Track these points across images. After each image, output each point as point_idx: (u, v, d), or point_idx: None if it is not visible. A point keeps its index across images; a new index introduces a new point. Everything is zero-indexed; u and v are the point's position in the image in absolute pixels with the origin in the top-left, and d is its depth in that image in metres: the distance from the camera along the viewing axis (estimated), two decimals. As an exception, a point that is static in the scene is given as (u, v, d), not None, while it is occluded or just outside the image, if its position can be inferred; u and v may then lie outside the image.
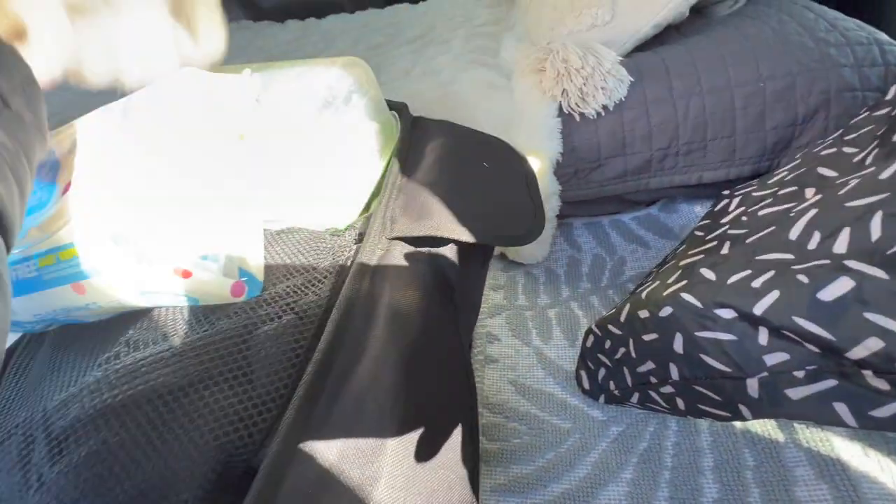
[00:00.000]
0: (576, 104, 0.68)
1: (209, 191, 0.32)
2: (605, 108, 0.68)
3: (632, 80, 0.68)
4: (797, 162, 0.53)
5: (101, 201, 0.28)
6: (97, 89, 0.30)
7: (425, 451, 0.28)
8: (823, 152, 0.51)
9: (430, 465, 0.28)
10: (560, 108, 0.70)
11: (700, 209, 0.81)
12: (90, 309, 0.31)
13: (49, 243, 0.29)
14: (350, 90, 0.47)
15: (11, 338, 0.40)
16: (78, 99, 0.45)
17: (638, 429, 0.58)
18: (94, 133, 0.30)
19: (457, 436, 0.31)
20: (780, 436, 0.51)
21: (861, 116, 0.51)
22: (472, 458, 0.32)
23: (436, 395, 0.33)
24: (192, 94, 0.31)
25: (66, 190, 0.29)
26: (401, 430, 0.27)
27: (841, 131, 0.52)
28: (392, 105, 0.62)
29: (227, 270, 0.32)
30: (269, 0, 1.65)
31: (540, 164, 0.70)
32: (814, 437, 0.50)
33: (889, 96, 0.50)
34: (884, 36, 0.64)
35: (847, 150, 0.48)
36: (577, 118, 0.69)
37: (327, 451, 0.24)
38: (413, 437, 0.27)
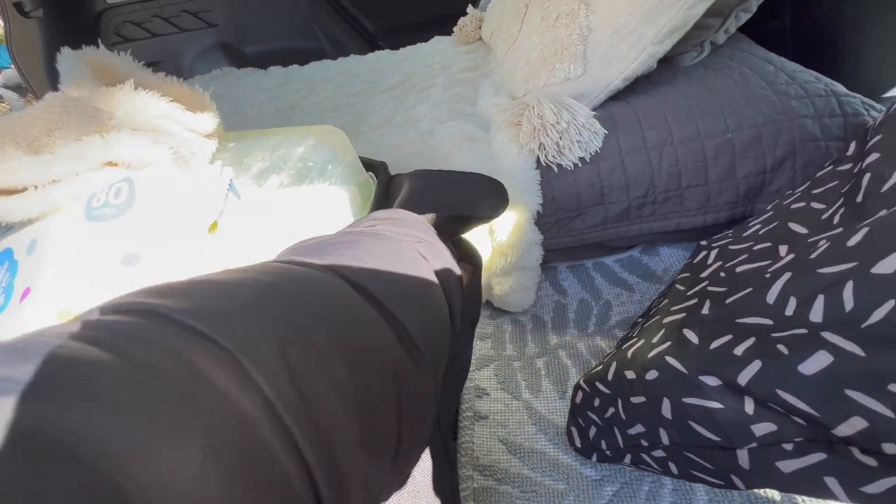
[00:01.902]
0: (553, 157, 0.69)
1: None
2: (581, 159, 0.69)
3: (606, 132, 0.70)
4: (769, 214, 0.54)
5: (63, 309, 0.27)
6: None
7: None
8: (793, 206, 0.52)
9: None
10: (538, 161, 0.71)
11: (680, 252, 0.82)
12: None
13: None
14: (325, 160, 0.48)
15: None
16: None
17: (633, 488, 0.57)
18: (55, 234, 0.29)
19: None
20: (777, 496, 0.50)
21: (826, 170, 0.53)
22: None
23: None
24: (159, 192, 0.30)
25: (24, 295, 0.28)
26: None
27: (808, 184, 0.54)
28: (371, 165, 0.62)
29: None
30: (253, 47, 1.69)
31: (520, 215, 0.70)
32: (812, 499, 0.49)
33: (850, 151, 0.52)
34: (841, 87, 0.67)
35: (815, 205, 0.49)
36: (556, 169, 0.71)
37: None
38: None
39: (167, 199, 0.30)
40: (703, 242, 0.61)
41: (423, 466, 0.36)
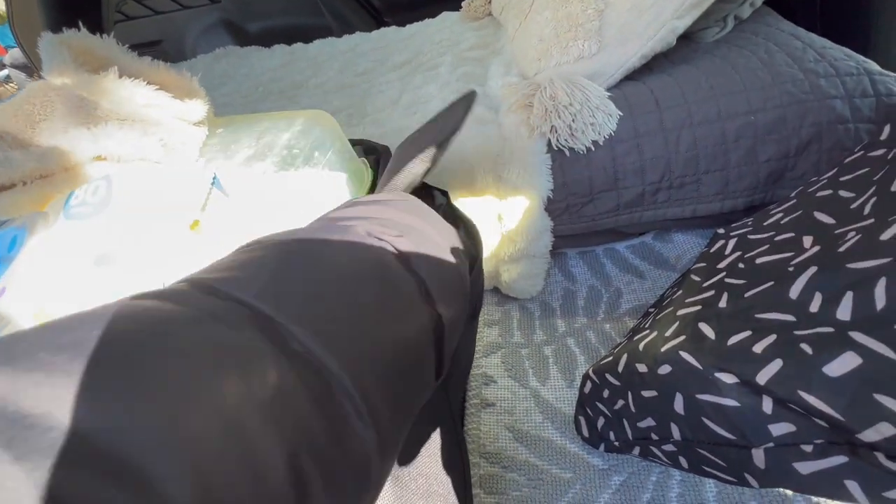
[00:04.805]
0: (565, 140, 0.66)
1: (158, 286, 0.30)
2: (595, 142, 0.67)
3: (621, 114, 0.67)
4: (793, 202, 0.52)
5: (40, 309, 0.26)
6: None
7: None
8: (819, 194, 0.49)
9: None
10: (549, 144, 0.68)
11: (695, 239, 0.80)
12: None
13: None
14: (312, 147, 0.46)
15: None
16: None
17: (640, 478, 0.56)
18: (33, 232, 0.28)
19: None
20: (789, 493, 0.49)
21: (856, 155, 0.50)
22: None
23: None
24: (138, 191, 0.29)
25: (0, 294, 0.27)
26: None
27: (836, 170, 0.51)
28: (374, 149, 0.60)
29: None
30: (256, 25, 1.65)
31: (530, 201, 0.68)
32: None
33: (884, 136, 0.49)
34: (874, 66, 0.63)
35: (843, 193, 0.47)
36: (567, 153, 0.68)
37: None
38: None
39: (145, 197, 0.28)
40: (721, 231, 0.59)
41: (435, 452, 0.35)
